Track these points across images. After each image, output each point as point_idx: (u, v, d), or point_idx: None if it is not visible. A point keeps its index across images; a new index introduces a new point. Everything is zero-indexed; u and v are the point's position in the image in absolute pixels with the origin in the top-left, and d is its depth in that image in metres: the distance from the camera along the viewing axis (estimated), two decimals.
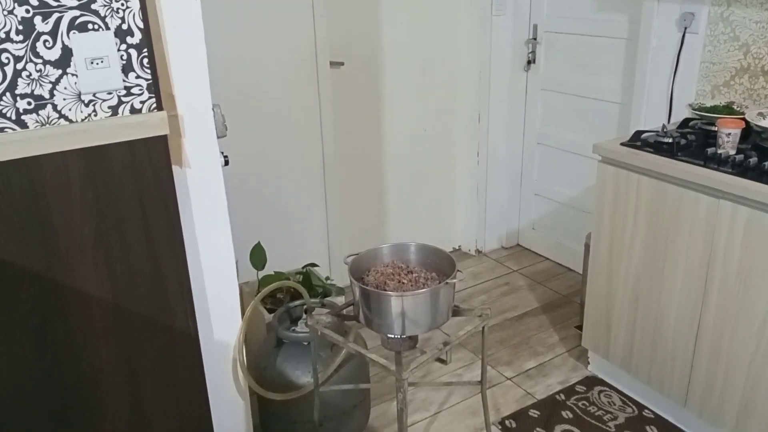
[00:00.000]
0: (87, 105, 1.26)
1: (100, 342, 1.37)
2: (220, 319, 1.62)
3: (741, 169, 1.74)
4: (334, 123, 2.64)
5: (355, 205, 2.90)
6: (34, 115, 1.22)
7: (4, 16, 1.16)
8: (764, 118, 1.90)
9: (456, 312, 1.61)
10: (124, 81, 1.27)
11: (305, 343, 1.89)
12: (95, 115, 1.27)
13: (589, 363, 2.36)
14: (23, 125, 1.22)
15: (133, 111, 1.30)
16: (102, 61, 1.24)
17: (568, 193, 3.00)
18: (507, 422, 2.07)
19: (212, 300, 1.59)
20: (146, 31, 1.27)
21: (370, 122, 2.84)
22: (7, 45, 1.17)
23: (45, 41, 1.20)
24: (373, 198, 2.97)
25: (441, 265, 1.60)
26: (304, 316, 2.03)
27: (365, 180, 2.91)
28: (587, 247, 2.37)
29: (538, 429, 2.04)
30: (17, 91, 1.20)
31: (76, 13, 1.21)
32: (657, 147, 1.93)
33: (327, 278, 2.42)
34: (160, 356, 1.45)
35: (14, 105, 1.20)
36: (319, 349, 1.80)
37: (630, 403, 2.17)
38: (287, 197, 2.62)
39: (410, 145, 2.99)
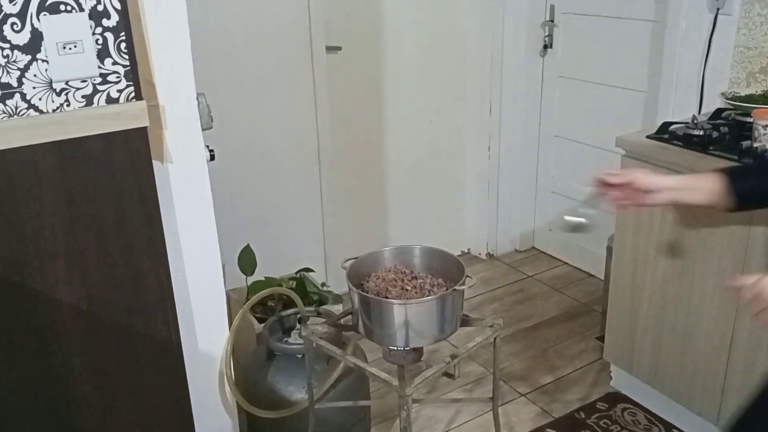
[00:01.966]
0: (59, 94, 1.26)
1: (72, 352, 1.37)
2: (206, 328, 1.62)
3: None
4: (331, 114, 2.64)
5: (354, 204, 2.90)
6: (0, 106, 1.22)
7: None
8: None
9: (465, 322, 1.61)
10: (99, 68, 1.27)
11: (299, 356, 1.89)
12: (68, 105, 1.27)
13: (611, 378, 2.36)
14: None
15: (110, 101, 1.30)
16: (75, 46, 1.24)
17: (588, 191, 2.99)
18: None
19: (197, 308, 1.59)
20: (124, 13, 1.27)
21: (369, 113, 2.84)
22: None
23: (12, 24, 1.20)
24: (374, 196, 2.97)
25: (448, 270, 1.60)
26: (298, 326, 2.02)
27: (365, 176, 2.91)
28: (609, 250, 2.37)
29: None
30: None
31: None
32: (686, 140, 1.93)
33: (323, 284, 2.42)
34: (140, 369, 1.45)
35: None
36: (315, 362, 1.81)
37: (657, 422, 2.17)
38: (279, 195, 2.63)
39: (414, 137, 2.99)
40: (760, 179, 1.25)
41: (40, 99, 1.25)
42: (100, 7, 1.25)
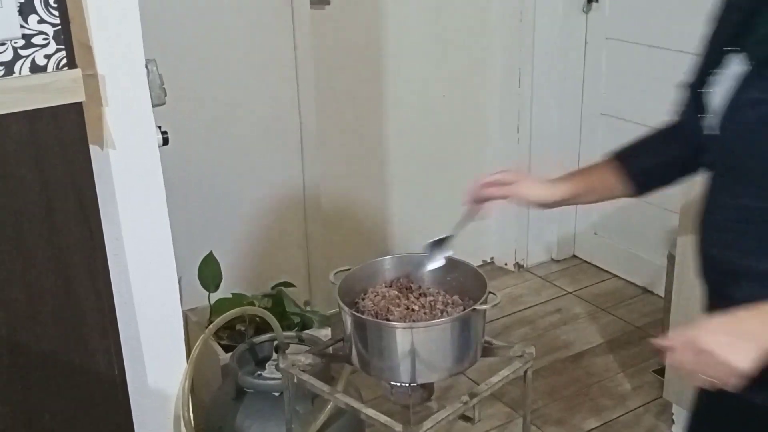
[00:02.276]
0: None
1: None
2: (157, 360, 1.63)
3: None
4: (317, 86, 2.65)
5: (346, 201, 2.91)
6: None
7: None
8: None
9: (487, 351, 1.61)
10: (22, 27, 1.27)
11: (276, 394, 1.89)
12: None
13: (673, 422, 2.36)
14: None
15: (35, 69, 1.29)
16: None
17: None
18: None
19: (146, 334, 1.59)
20: None
21: (366, 85, 2.85)
22: None
23: None
24: (371, 190, 2.97)
25: (466, 284, 1.60)
26: (275, 355, 2.02)
27: (360, 166, 2.92)
28: (671, 259, 2.37)
29: None
30: None
31: None
32: None
33: (306, 303, 2.42)
34: (74, 411, 1.45)
35: None
36: (296, 402, 1.81)
37: None
38: (251, 190, 2.63)
39: (422, 116, 2.99)
40: (652, 154, 1.34)
41: None
42: None
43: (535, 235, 3.27)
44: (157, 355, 1.62)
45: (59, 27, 1.29)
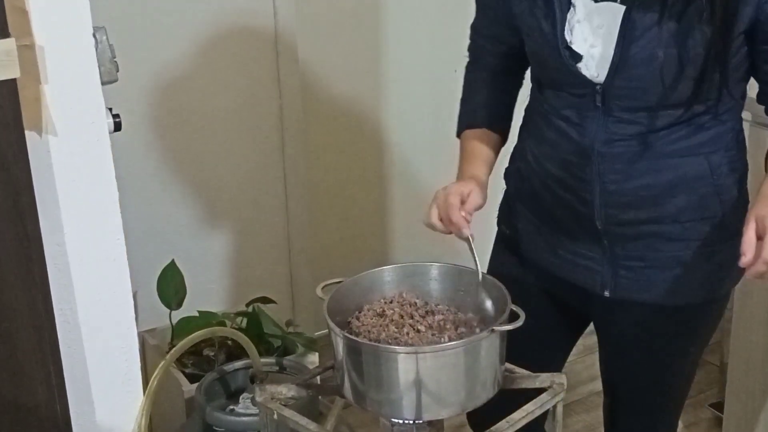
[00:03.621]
0: None
1: None
2: (108, 392, 1.63)
3: None
4: (300, 57, 2.65)
5: (336, 198, 2.91)
6: None
7: None
8: None
9: (509, 381, 1.61)
10: None
11: None
12: None
13: None
14: None
15: None
16: None
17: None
18: None
19: (93, 361, 1.60)
20: None
21: (358, 54, 2.85)
22: None
23: None
24: (367, 185, 2.97)
25: (482, 300, 1.60)
26: (250, 387, 2.02)
27: (352, 154, 2.92)
28: None
29: None
30: None
31: None
32: None
33: (288, 323, 2.42)
34: None
35: None
36: None
37: None
38: (221, 185, 2.63)
39: (428, 95, 2.99)
40: (502, 105, 1.75)
41: None
42: None
43: None
44: (108, 387, 1.62)
45: None
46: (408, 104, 2.95)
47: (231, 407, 1.97)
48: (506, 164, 1.80)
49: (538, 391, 1.59)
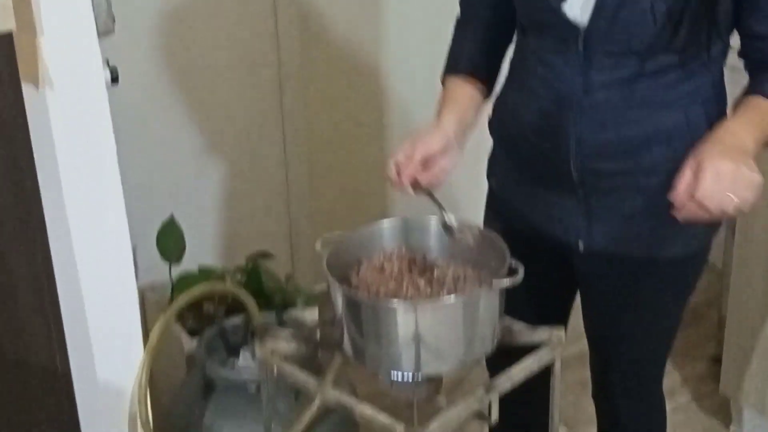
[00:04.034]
0: None
1: None
2: (108, 347, 1.63)
3: None
4: (301, 3, 2.63)
5: (336, 151, 2.90)
6: None
7: None
8: None
9: (507, 335, 1.62)
10: None
11: (252, 389, 1.91)
12: None
13: (733, 421, 2.39)
14: None
15: None
16: None
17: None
18: None
19: (93, 316, 1.60)
20: None
21: (357, 2, 2.83)
22: None
23: None
24: (366, 138, 2.96)
25: (483, 255, 1.60)
26: (250, 341, 2.03)
27: (352, 107, 2.91)
28: (732, 226, 2.37)
29: None
30: None
31: None
32: None
33: (288, 278, 2.42)
34: (9, 410, 1.46)
35: None
36: (276, 399, 1.82)
37: None
38: (219, 138, 2.62)
39: (429, 44, 2.95)
40: (493, 55, 1.72)
41: None
42: None
43: None
44: (108, 342, 1.63)
45: None
46: (408, 54, 2.93)
47: (232, 361, 1.98)
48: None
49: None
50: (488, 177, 1.83)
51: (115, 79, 1.55)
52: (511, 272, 1.49)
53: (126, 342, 1.65)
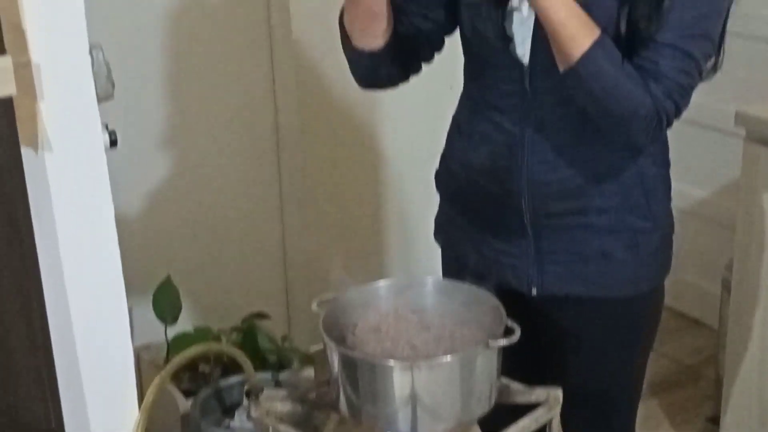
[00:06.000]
0: None
1: None
2: (103, 408, 1.63)
3: None
4: (298, 72, 2.66)
5: (332, 212, 2.91)
6: None
7: None
8: None
9: (504, 395, 1.62)
10: None
11: None
12: None
13: None
14: None
15: None
16: None
17: (693, 193, 3.01)
18: None
19: (88, 377, 1.60)
20: None
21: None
22: None
23: None
24: (362, 199, 2.98)
25: (479, 315, 1.60)
26: (246, 402, 2.02)
27: (348, 168, 2.92)
28: (727, 284, 2.38)
29: None
30: None
31: None
32: None
33: (284, 338, 2.42)
34: None
35: None
36: None
37: None
38: (216, 200, 2.63)
39: (424, 110, 2.99)
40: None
41: None
42: None
43: None
44: (103, 403, 1.62)
45: None
46: (403, 119, 2.96)
47: (227, 422, 1.97)
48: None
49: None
50: (435, 237, 1.84)
51: (114, 142, 1.56)
52: (508, 332, 1.50)
53: (121, 402, 1.64)
